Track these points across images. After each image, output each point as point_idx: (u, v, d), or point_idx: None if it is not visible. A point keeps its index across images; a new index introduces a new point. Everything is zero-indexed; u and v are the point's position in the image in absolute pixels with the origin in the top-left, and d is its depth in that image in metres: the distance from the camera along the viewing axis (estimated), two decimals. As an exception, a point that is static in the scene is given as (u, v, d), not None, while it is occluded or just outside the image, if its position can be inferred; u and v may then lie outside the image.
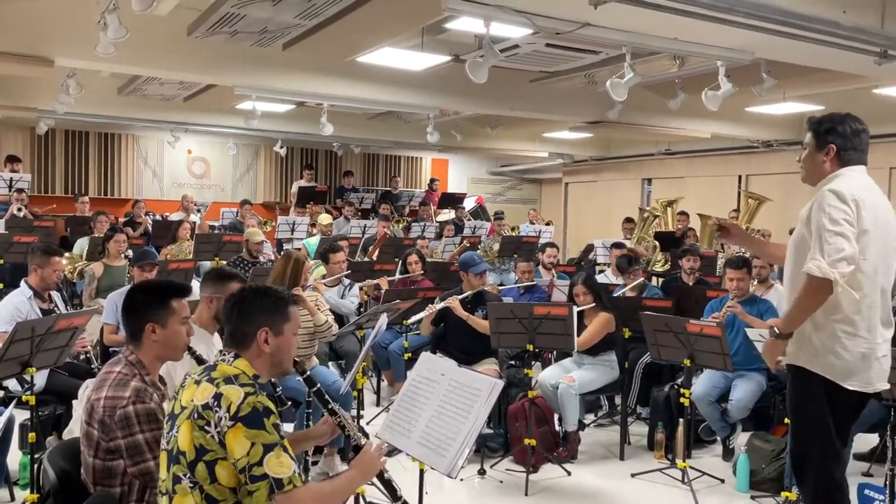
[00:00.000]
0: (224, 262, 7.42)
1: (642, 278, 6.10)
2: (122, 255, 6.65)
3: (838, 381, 2.76)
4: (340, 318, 5.84)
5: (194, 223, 9.56)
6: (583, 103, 8.25)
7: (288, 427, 4.38)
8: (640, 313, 4.72)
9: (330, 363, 5.74)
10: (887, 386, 2.87)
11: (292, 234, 9.96)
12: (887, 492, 3.63)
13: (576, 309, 4.77)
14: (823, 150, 2.87)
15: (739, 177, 11.52)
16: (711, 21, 3.45)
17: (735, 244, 7.09)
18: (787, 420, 3.26)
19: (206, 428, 1.99)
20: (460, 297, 5.19)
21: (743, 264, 5.09)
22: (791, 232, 3.04)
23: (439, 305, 5.15)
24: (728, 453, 5.04)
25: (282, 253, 9.33)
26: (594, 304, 5.08)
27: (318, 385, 2.46)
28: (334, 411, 2.42)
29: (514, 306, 4.81)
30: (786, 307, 2.94)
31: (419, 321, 5.48)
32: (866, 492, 4.06)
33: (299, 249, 9.13)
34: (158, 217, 10.42)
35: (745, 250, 6.97)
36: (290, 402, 2.50)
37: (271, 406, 2.05)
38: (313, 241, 9.09)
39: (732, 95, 5.44)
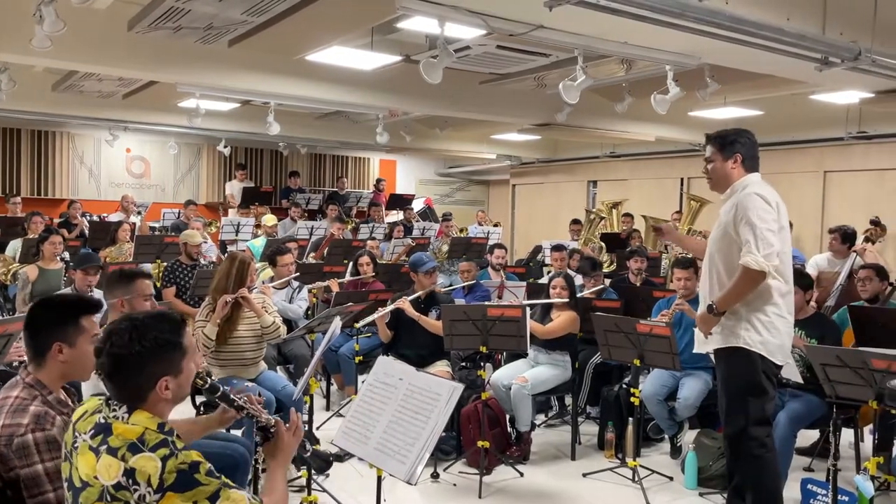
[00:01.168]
0: (165, 264, 7.22)
1: (604, 284, 6.17)
2: (58, 258, 6.38)
3: (771, 356, 3.24)
4: (289, 323, 5.72)
5: (134, 224, 9.27)
6: (532, 105, 8.31)
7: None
8: (592, 314, 4.77)
9: (278, 367, 5.62)
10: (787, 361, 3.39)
11: (237, 235, 9.75)
12: (830, 486, 3.72)
13: (532, 301, 4.83)
14: (731, 158, 3.29)
15: (682, 179, 11.78)
16: (662, 25, 3.51)
17: (670, 242, 7.63)
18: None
19: None
20: (411, 297, 5.14)
21: (689, 264, 5.18)
22: None
23: (390, 307, 5.10)
24: (676, 451, 5.13)
25: (226, 254, 9.20)
26: (567, 301, 5.16)
27: (222, 390, 2.22)
28: (242, 406, 2.19)
29: (467, 308, 4.79)
30: (706, 292, 3.44)
31: (370, 324, 5.41)
32: (809, 486, 4.17)
33: (243, 251, 8.96)
34: (96, 218, 10.07)
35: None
36: (219, 391, 2.24)
37: (195, 456, 1.79)
38: (258, 243, 8.89)
39: (677, 100, 5.56)
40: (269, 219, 9.40)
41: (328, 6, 4.88)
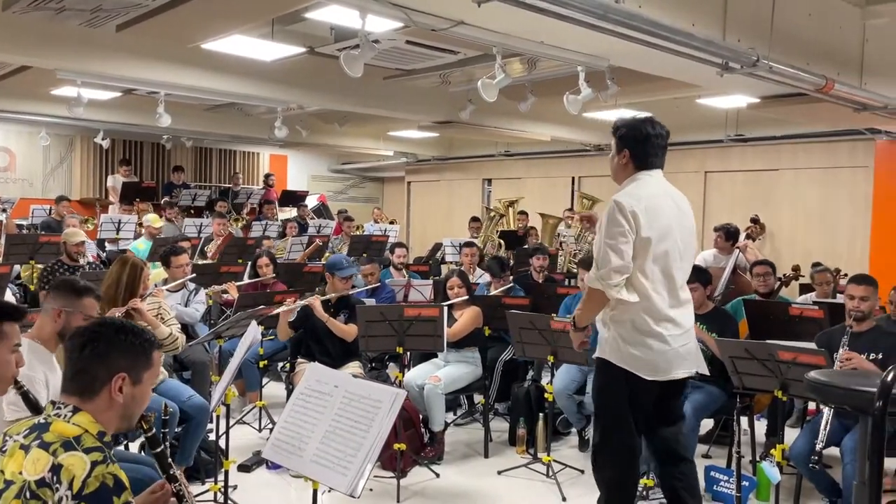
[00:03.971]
0: (41, 266, 6.65)
1: (511, 283, 6.22)
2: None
3: (639, 373, 2.99)
4: (184, 328, 5.38)
5: (0, 222, 8.48)
6: (436, 103, 8.27)
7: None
8: (507, 312, 4.80)
9: (174, 375, 5.28)
10: (690, 372, 3.13)
11: (118, 233, 9.16)
12: (734, 473, 3.89)
13: (447, 302, 4.78)
14: (620, 153, 3.09)
15: (573, 178, 12.15)
16: (584, 26, 3.55)
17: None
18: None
19: None
20: (323, 297, 4.97)
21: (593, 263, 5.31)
22: None
23: (301, 302, 4.90)
24: (584, 444, 5.25)
25: (108, 256, 8.58)
26: (466, 297, 5.15)
27: (162, 447, 2.08)
28: (175, 477, 2.04)
29: (383, 308, 4.69)
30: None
31: (272, 326, 5.20)
32: (712, 473, 4.38)
33: (125, 252, 8.38)
34: (-48, 215, 9.13)
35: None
36: (160, 446, 2.08)
37: (123, 478, 1.72)
38: (142, 246, 8.28)
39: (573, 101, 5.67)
40: (154, 219, 8.81)
41: (230, -8, 4.63)
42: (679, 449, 3.23)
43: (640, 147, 3.05)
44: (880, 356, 3.93)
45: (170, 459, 2.09)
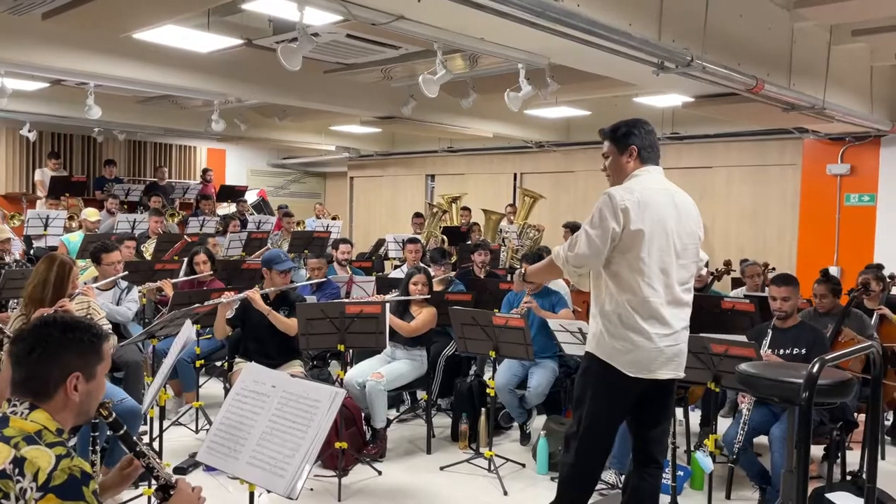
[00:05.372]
0: (-37, 264, 6.33)
1: (451, 274, 6.22)
2: None
3: (620, 367, 2.96)
4: (116, 327, 5.20)
5: (-84, 219, 8.05)
6: (377, 98, 8.20)
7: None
8: (450, 308, 4.80)
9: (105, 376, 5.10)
10: (676, 374, 3.06)
11: (45, 229, 8.78)
12: (670, 463, 3.99)
13: (392, 298, 4.76)
14: (626, 152, 3.07)
15: (515, 174, 12.25)
16: (523, 24, 3.56)
17: None
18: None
19: (4, 501, 1.65)
20: (262, 291, 4.85)
21: (537, 259, 5.33)
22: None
23: (240, 295, 4.79)
24: (525, 438, 5.31)
25: (36, 254, 8.22)
26: (428, 297, 5.15)
27: (126, 428, 2.08)
28: (143, 453, 2.05)
29: (324, 306, 4.62)
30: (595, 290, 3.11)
31: (209, 324, 5.07)
32: (650, 464, 4.48)
33: (56, 248, 8.06)
34: None
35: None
36: (123, 428, 2.08)
37: (88, 470, 1.74)
38: (74, 238, 8.04)
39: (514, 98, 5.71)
40: (91, 213, 8.52)
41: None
42: (655, 452, 3.19)
43: (647, 139, 3.07)
44: (804, 351, 4.08)
45: (134, 438, 2.11)
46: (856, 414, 4.47)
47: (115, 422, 2.05)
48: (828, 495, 3.77)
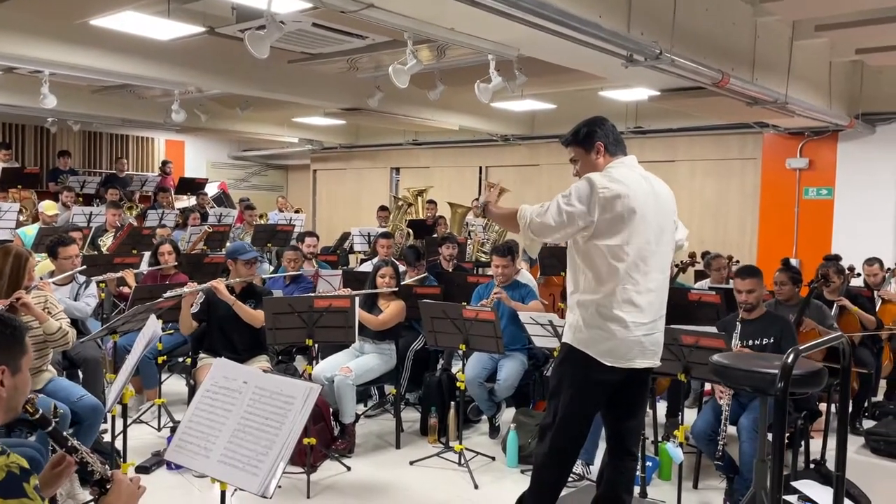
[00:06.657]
0: None
1: (426, 273, 6.17)
2: None
3: (597, 356, 2.94)
4: (74, 323, 5.04)
5: None
6: (342, 89, 8.08)
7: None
8: (419, 301, 4.76)
9: (63, 373, 4.94)
10: (652, 363, 3.05)
11: (-4, 223, 8.49)
12: (639, 455, 4.01)
13: (365, 291, 4.70)
14: (593, 149, 3.08)
15: (481, 168, 12.24)
16: (494, 13, 3.52)
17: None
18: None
19: None
20: (227, 282, 4.74)
21: (507, 252, 5.36)
22: None
23: (204, 285, 4.67)
24: (495, 431, 5.31)
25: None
26: (396, 290, 5.11)
27: (54, 424, 2.01)
28: (74, 448, 2.00)
29: (292, 300, 4.54)
30: (570, 278, 3.12)
31: (173, 319, 4.94)
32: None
33: (11, 241, 7.79)
34: None
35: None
36: (51, 424, 2.01)
37: (26, 465, 1.70)
38: (30, 231, 7.79)
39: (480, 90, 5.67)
40: (49, 206, 8.27)
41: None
42: (629, 443, 3.18)
43: (611, 134, 3.10)
44: (772, 340, 4.14)
45: (65, 433, 2.05)
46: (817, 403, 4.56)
47: (42, 418, 1.98)
48: (793, 483, 3.85)
